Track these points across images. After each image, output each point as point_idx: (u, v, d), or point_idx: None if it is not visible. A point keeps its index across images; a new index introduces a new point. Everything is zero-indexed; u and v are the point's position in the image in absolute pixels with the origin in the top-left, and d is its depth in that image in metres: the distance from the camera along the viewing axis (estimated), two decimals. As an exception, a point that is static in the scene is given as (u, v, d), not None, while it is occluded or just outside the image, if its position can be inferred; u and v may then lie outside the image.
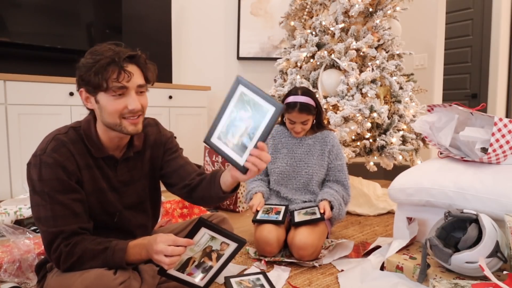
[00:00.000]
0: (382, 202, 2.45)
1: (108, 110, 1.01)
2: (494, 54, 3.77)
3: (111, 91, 0.98)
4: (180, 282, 1.08)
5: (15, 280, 1.35)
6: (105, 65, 0.96)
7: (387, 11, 2.41)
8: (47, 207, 0.99)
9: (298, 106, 1.67)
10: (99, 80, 0.96)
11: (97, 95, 1.01)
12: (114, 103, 1.00)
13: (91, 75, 0.96)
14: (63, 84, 2.64)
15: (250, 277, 1.38)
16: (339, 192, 1.76)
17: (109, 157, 1.10)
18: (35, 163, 1.01)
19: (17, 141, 2.47)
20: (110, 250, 1.00)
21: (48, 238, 1.00)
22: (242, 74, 3.72)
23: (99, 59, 0.96)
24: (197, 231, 1.02)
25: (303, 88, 1.77)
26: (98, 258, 0.99)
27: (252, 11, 3.58)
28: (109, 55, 0.97)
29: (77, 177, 1.04)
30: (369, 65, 2.34)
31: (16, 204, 2.09)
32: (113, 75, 0.97)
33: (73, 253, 0.99)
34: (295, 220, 1.63)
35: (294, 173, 1.80)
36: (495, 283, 1.05)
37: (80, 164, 1.04)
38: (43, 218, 1.00)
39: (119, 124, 1.02)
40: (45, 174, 0.99)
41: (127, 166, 1.15)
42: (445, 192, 1.44)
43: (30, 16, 2.67)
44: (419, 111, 2.45)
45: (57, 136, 1.04)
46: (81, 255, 0.99)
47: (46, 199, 0.99)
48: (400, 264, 1.38)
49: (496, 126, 1.37)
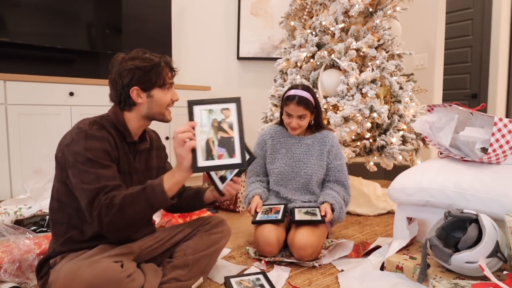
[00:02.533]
0: (382, 202, 2.45)
1: (161, 102, 1.23)
2: (494, 54, 3.76)
3: (165, 86, 1.23)
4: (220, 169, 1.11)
5: (15, 280, 1.35)
6: (163, 67, 1.21)
7: (387, 11, 2.41)
8: (90, 171, 1.06)
9: (297, 99, 1.69)
10: (158, 79, 1.20)
11: (151, 90, 1.21)
12: (165, 95, 1.24)
13: (151, 75, 1.19)
14: (63, 84, 2.64)
15: (250, 277, 1.39)
16: (339, 193, 1.75)
17: (133, 143, 1.26)
18: (80, 137, 1.10)
19: (17, 141, 2.47)
20: (149, 188, 1.08)
21: (90, 195, 1.04)
22: (242, 74, 3.72)
23: (154, 63, 1.20)
24: (192, 112, 1.08)
25: (304, 85, 1.79)
26: (138, 200, 1.05)
27: (252, 11, 3.58)
28: (160, 60, 1.21)
29: (116, 155, 1.17)
30: (369, 65, 2.34)
31: (16, 204, 2.09)
32: (167, 75, 1.23)
33: (113, 204, 1.03)
34: (295, 217, 1.63)
35: (293, 173, 1.79)
36: (495, 283, 1.05)
37: (117, 145, 1.19)
38: (86, 181, 1.06)
39: (162, 113, 1.25)
40: (91, 144, 1.09)
41: (140, 157, 1.29)
42: (445, 192, 1.44)
43: (30, 16, 2.67)
44: (419, 111, 2.44)
45: (97, 120, 1.18)
46: (121, 203, 1.03)
47: (91, 165, 1.07)
48: (400, 264, 1.39)
49: (496, 126, 1.37)
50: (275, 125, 1.93)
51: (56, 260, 1.12)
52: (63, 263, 1.07)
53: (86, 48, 2.96)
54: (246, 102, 3.70)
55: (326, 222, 1.63)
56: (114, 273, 0.99)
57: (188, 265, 1.25)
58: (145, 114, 1.24)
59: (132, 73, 1.18)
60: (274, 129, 1.89)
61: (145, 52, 1.23)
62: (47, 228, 1.89)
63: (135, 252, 1.19)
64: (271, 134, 1.88)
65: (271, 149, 1.85)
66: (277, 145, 1.85)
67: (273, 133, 1.88)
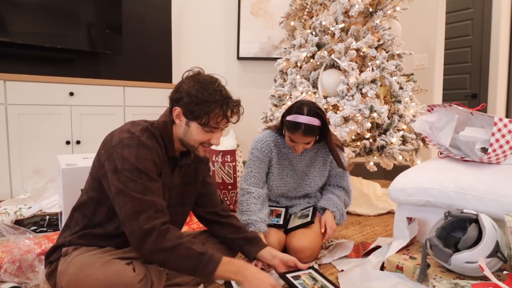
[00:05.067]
0: (382, 202, 2.45)
1: (194, 137, 1.14)
2: (494, 54, 3.77)
3: (207, 127, 1.12)
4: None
5: (15, 280, 1.35)
6: (214, 108, 1.09)
7: (387, 11, 2.41)
8: (137, 182, 1.03)
9: (303, 128, 1.50)
10: (203, 116, 1.10)
11: (191, 121, 1.13)
12: (202, 135, 1.13)
13: (197, 109, 1.09)
14: (63, 84, 2.64)
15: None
16: (340, 197, 1.73)
17: (174, 159, 1.20)
18: (132, 143, 1.06)
19: (17, 141, 2.47)
20: (207, 257, 1.04)
21: (139, 207, 1.01)
22: (242, 74, 3.72)
23: (209, 100, 1.08)
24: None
25: (309, 105, 1.55)
26: (191, 259, 1.02)
27: (252, 11, 3.58)
28: (219, 100, 1.10)
29: (160, 167, 1.13)
30: (369, 65, 2.34)
31: (16, 204, 2.09)
32: (217, 119, 1.11)
33: (167, 238, 1.01)
34: (288, 226, 1.66)
35: (295, 185, 1.74)
36: (495, 283, 1.05)
37: (163, 157, 1.14)
38: (133, 189, 1.02)
39: (195, 148, 1.16)
40: (142, 153, 1.05)
41: (179, 172, 1.24)
42: (445, 192, 1.44)
43: (30, 16, 2.67)
44: (419, 111, 2.44)
45: (148, 128, 1.13)
46: (176, 246, 1.01)
47: (139, 175, 1.03)
48: (400, 264, 1.38)
49: (496, 126, 1.37)
50: (273, 132, 1.71)
51: (69, 250, 1.11)
52: (75, 254, 1.06)
53: (86, 48, 2.96)
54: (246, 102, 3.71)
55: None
56: (127, 277, 0.98)
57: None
58: (180, 138, 1.17)
59: (183, 94, 1.11)
60: (275, 137, 1.70)
61: (214, 83, 1.12)
62: (47, 228, 1.89)
63: None
64: (274, 142, 1.69)
65: (274, 160, 1.69)
66: (278, 155, 1.70)
67: (273, 145, 1.68)
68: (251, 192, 1.60)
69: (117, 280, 0.97)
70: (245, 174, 1.67)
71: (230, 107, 1.12)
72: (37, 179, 2.29)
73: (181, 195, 1.27)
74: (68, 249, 1.11)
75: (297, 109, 1.54)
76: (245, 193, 1.61)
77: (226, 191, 2.45)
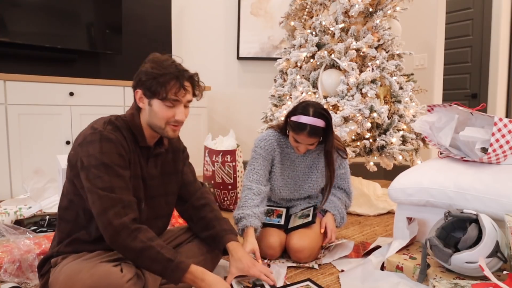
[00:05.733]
0: (382, 202, 2.45)
1: (158, 115, 1.13)
2: (494, 54, 3.77)
3: (167, 101, 1.11)
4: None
5: (15, 280, 1.35)
6: (169, 79, 1.09)
7: (387, 11, 2.41)
8: (105, 179, 1.03)
9: (308, 129, 1.48)
10: (160, 90, 1.09)
11: (152, 100, 1.12)
12: (165, 111, 1.12)
13: (154, 84, 1.09)
14: (63, 84, 2.64)
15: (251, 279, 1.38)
16: (342, 199, 1.73)
17: (147, 148, 1.20)
18: (95, 139, 1.06)
19: (17, 141, 2.47)
20: (174, 264, 1.04)
21: (106, 204, 1.02)
22: (242, 74, 3.72)
23: (164, 73, 1.09)
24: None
25: (315, 106, 1.52)
26: (159, 264, 1.03)
27: (252, 11, 3.58)
28: (173, 71, 1.10)
29: (128, 158, 1.12)
30: (369, 65, 2.34)
31: (16, 204, 2.09)
32: (173, 89, 1.10)
33: (137, 238, 1.02)
34: (288, 226, 1.66)
35: (296, 186, 1.73)
36: (495, 283, 1.05)
37: (130, 148, 1.14)
38: (100, 187, 1.03)
39: (163, 128, 1.14)
40: (106, 147, 1.06)
41: (155, 161, 1.23)
42: (445, 192, 1.44)
43: (30, 16, 2.67)
44: (419, 111, 2.44)
45: (112, 120, 1.13)
46: (145, 248, 1.02)
47: (105, 171, 1.04)
48: (400, 264, 1.38)
49: (496, 126, 1.37)
50: (276, 132, 1.68)
51: (58, 259, 1.11)
52: (64, 263, 1.07)
53: (86, 48, 2.96)
54: (246, 102, 3.72)
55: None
56: (114, 278, 0.98)
57: None
58: (147, 122, 1.16)
59: (141, 75, 1.12)
60: (278, 137, 1.67)
61: (169, 59, 1.14)
62: (47, 228, 1.89)
63: None
64: (277, 142, 1.67)
65: (278, 158, 1.67)
66: (281, 155, 1.68)
67: (275, 144, 1.66)
68: (251, 188, 1.57)
69: (105, 282, 0.97)
70: (247, 171, 1.63)
71: (185, 77, 1.12)
72: (37, 179, 2.29)
73: (164, 185, 1.26)
74: (57, 259, 1.12)
75: (302, 110, 1.51)
76: (246, 189, 1.58)
77: (226, 191, 2.45)
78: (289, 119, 1.56)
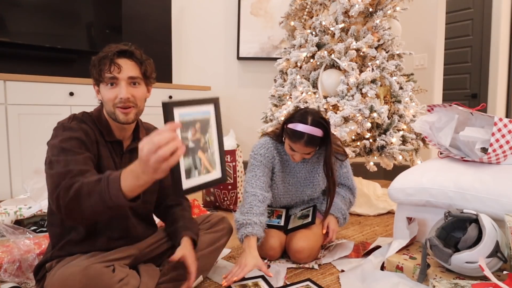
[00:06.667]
0: (382, 202, 2.45)
1: (104, 99, 1.13)
2: (494, 54, 3.77)
3: (105, 81, 1.11)
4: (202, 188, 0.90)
5: (15, 280, 1.35)
6: (101, 59, 1.10)
7: (387, 11, 2.41)
8: (60, 161, 0.99)
9: (305, 139, 1.44)
10: (96, 73, 1.11)
11: (99, 87, 1.14)
12: (108, 92, 1.11)
13: (92, 69, 1.12)
14: (63, 84, 2.64)
15: (249, 281, 1.37)
16: (345, 197, 1.73)
17: (117, 142, 1.19)
18: (57, 132, 1.07)
19: (17, 141, 2.47)
20: (104, 181, 0.88)
21: (56, 181, 0.95)
22: (242, 74, 3.72)
23: (99, 57, 1.11)
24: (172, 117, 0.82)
25: (313, 115, 1.47)
26: (94, 193, 0.88)
27: (252, 11, 3.58)
28: (105, 51, 1.10)
29: (96, 150, 1.11)
30: (369, 65, 2.34)
31: (16, 204, 2.09)
32: (105, 67, 1.09)
33: (71, 188, 0.92)
34: (288, 226, 1.65)
35: (298, 192, 1.72)
36: (495, 283, 1.05)
37: (99, 141, 1.13)
38: (54, 168, 0.98)
39: (113, 112, 1.13)
40: (67, 134, 1.05)
41: (130, 158, 1.21)
42: (445, 192, 1.44)
43: (30, 16, 2.67)
44: (419, 111, 2.44)
45: (76, 116, 1.14)
46: (78, 191, 0.90)
47: (63, 154, 1.00)
48: (400, 264, 1.38)
49: (496, 126, 1.37)
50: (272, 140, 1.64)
51: (53, 263, 1.11)
52: (58, 267, 1.06)
53: (86, 48, 2.96)
54: (246, 102, 3.72)
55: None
56: (105, 278, 0.98)
57: None
58: (106, 113, 1.16)
59: (90, 67, 1.14)
60: (275, 144, 1.63)
61: (111, 45, 1.13)
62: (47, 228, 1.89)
63: (134, 255, 1.19)
64: (276, 149, 1.63)
65: (278, 166, 1.64)
66: (281, 162, 1.66)
67: (275, 152, 1.63)
68: (256, 195, 1.51)
69: (96, 283, 0.97)
70: (249, 178, 1.57)
71: (116, 54, 1.10)
72: (37, 179, 2.29)
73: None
74: (51, 263, 1.12)
75: (300, 118, 1.46)
76: (250, 195, 1.51)
77: (226, 191, 2.45)
78: (286, 126, 1.51)
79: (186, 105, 0.85)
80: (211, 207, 2.55)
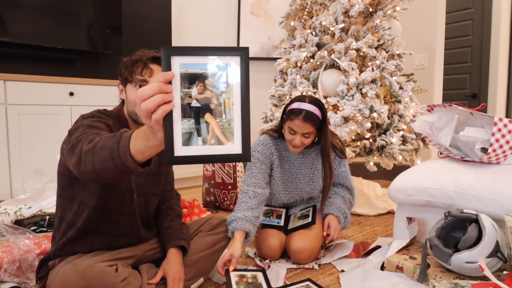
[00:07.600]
0: (382, 202, 2.45)
1: (129, 99, 1.17)
2: (494, 54, 3.77)
3: (134, 82, 1.15)
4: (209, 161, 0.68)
5: (15, 280, 1.35)
6: (134, 61, 1.16)
7: (387, 11, 2.41)
8: (88, 132, 0.97)
9: (303, 114, 1.49)
10: (127, 73, 1.16)
11: (126, 87, 1.19)
12: (135, 93, 1.14)
13: (125, 71, 1.17)
14: (63, 84, 2.64)
15: (248, 273, 1.37)
16: (345, 197, 1.73)
17: None
18: (85, 117, 1.08)
19: (17, 141, 2.47)
20: (117, 137, 0.81)
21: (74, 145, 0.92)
22: (242, 74, 3.72)
23: (133, 59, 1.17)
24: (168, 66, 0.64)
25: (311, 97, 1.57)
26: (106, 148, 0.82)
27: (252, 11, 3.58)
28: (139, 55, 1.17)
29: None
30: (369, 65, 2.34)
31: (16, 204, 2.09)
32: (138, 70, 1.15)
33: (92, 140, 0.88)
34: (288, 227, 1.65)
35: (297, 190, 1.73)
36: (495, 283, 1.05)
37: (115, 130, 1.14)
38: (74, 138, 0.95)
39: (135, 113, 1.16)
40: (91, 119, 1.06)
41: None
42: (445, 192, 1.44)
43: (30, 16, 2.67)
44: (419, 111, 2.45)
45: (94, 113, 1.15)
46: (96, 142, 0.85)
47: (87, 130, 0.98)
48: (400, 264, 1.38)
49: (496, 126, 1.37)
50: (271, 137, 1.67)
51: (55, 262, 1.12)
52: (61, 265, 1.07)
53: (86, 48, 2.96)
54: (246, 102, 3.70)
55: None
56: (108, 278, 0.99)
57: (188, 265, 1.25)
58: (127, 113, 1.21)
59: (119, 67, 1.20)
60: (274, 141, 1.67)
61: (144, 50, 1.20)
62: (47, 228, 1.89)
63: (137, 255, 1.19)
64: (275, 146, 1.67)
65: (276, 162, 1.67)
66: (280, 159, 1.68)
67: (274, 147, 1.66)
68: (247, 192, 1.54)
69: (98, 282, 0.97)
70: (245, 176, 1.61)
71: (150, 58, 1.16)
72: (37, 179, 2.29)
73: (145, 185, 1.26)
74: (54, 261, 1.12)
75: (298, 99, 1.57)
76: (242, 193, 1.55)
77: (226, 191, 2.45)
78: (286, 110, 1.59)
79: (191, 54, 0.66)
80: (211, 207, 2.55)
